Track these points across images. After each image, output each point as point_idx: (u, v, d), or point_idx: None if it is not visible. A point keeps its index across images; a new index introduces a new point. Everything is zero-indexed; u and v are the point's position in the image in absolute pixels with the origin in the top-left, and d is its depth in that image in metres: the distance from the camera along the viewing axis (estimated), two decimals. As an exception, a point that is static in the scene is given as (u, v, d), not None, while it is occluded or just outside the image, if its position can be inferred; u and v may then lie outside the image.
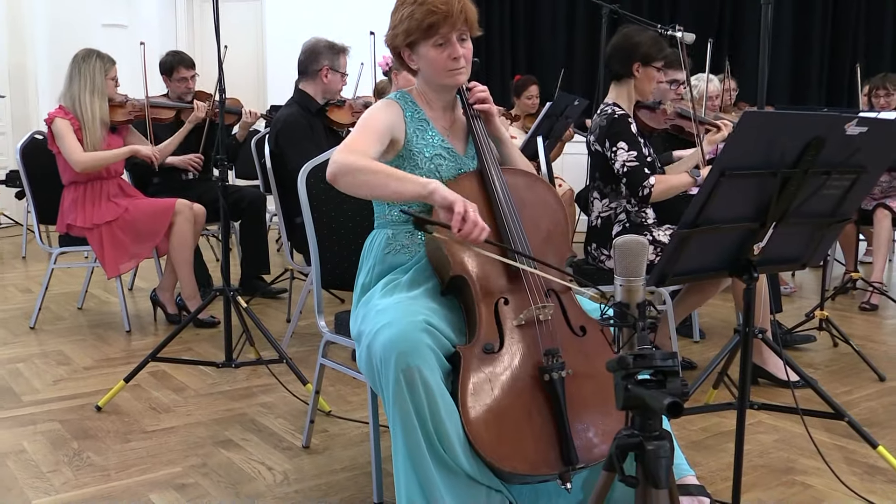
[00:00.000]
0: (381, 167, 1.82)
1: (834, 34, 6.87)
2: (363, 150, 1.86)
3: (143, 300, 4.58)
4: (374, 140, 1.91)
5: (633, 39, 3.02)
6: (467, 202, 1.69)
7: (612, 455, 1.32)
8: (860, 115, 1.68)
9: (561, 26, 7.59)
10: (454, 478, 1.70)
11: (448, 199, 1.71)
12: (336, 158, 1.83)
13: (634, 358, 1.27)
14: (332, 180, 1.84)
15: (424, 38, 1.94)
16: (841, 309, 4.45)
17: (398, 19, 1.96)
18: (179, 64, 4.35)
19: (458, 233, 1.68)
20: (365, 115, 1.98)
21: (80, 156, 3.74)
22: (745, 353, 1.96)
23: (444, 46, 1.94)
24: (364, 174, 1.80)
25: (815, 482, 2.28)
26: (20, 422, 2.74)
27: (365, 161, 1.82)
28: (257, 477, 2.33)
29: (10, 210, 7.10)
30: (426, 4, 1.91)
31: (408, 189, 1.77)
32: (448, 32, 1.92)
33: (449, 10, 1.90)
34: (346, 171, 1.81)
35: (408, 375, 1.66)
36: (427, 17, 1.90)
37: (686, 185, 2.97)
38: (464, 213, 1.67)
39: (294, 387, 2.93)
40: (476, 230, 1.68)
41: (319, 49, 3.76)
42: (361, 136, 1.90)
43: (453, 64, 1.95)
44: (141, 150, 3.93)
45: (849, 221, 1.91)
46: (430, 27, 1.91)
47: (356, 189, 1.84)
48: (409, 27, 1.93)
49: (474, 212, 1.69)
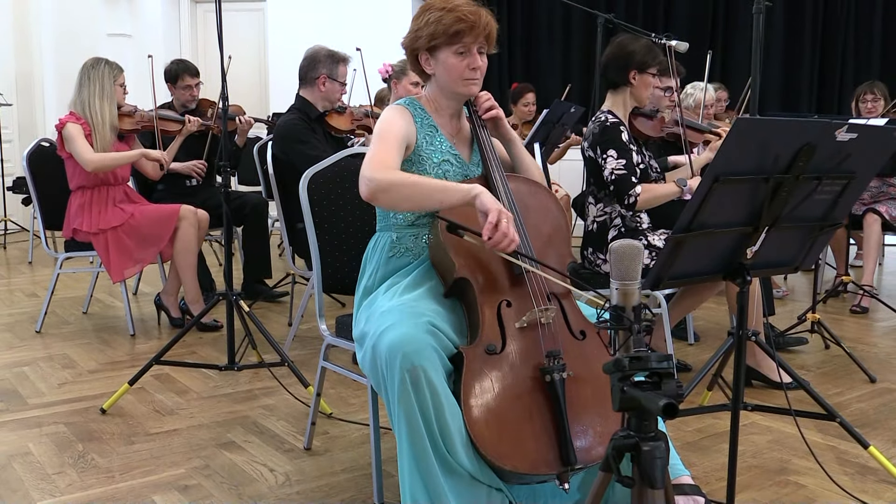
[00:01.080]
0: (419, 179, 1.86)
1: (824, 43, 6.95)
2: (392, 164, 1.89)
3: (147, 304, 4.61)
4: (396, 150, 1.94)
5: (627, 48, 3.07)
6: (503, 211, 1.73)
7: (609, 456, 1.33)
8: (850, 122, 1.71)
9: (557, 35, 7.65)
10: (457, 477, 1.73)
11: (486, 206, 1.75)
12: (370, 176, 1.85)
13: (630, 360, 1.28)
14: (371, 198, 1.86)
15: (448, 44, 1.98)
16: (832, 312, 4.49)
17: (423, 22, 2.00)
18: (184, 72, 4.39)
19: (487, 240, 1.72)
20: (381, 124, 2.01)
21: (91, 155, 3.78)
22: (739, 355, 1.98)
23: (465, 56, 1.99)
24: (405, 188, 1.84)
25: (807, 482, 2.32)
26: (26, 424, 2.77)
27: (400, 175, 1.86)
28: (259, 478, 2.36)
29: (17, 216, 7.14)
30: (455, 12, 1.96)
31: (454, 197, 1.80)
32: (471, 43, 1.98)
33: (477, 21, 1.96)
34: (384, 189, 1.84)
35: (413, 376, 1.69)
36: (455, 24, 1.95)
37: (672, 195, 3.00)
38: (496, 223, 1.71)
39: (296, 389, 2.96)
40: (506, 241, 1.72)
41: (319, 57, 3.78)
42: (385, 148, 1.93)
43: (471, 74, 2.00)
44: (150, 153, 3.98)
45: (840, 226, 1.93)
46: (457, 34, 1.96)
47: (398, 204, 1.87)
48: (434, 31, 1.97)
49: (508, 222, 1.72)
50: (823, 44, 6.96)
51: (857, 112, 5.03)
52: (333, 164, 2.43)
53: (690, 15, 7.27)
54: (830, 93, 6.96)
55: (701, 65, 3.97)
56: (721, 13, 7.23)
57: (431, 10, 2.00)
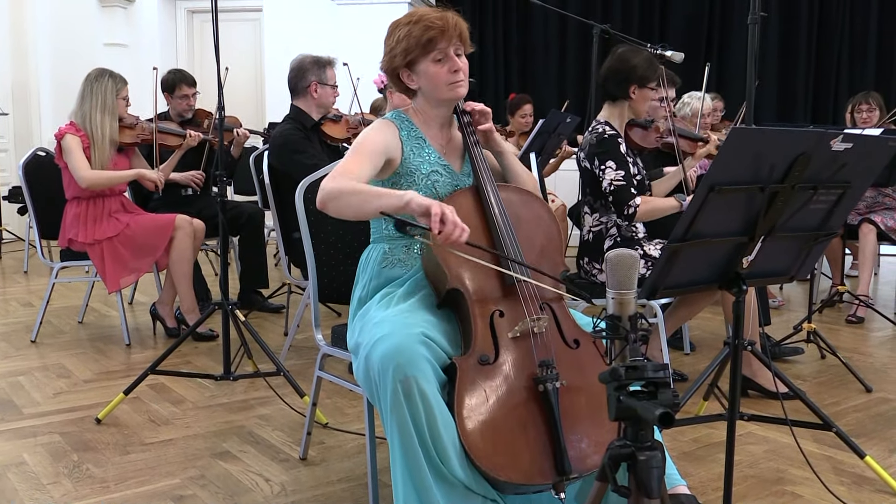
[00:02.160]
0: (363, 188, 1.85)
1: (819, 54, 6.99)
2: (354, 173, 1.90)
3: (142, 314, 4.60)
4: (365, 162, 1.95)
5: (629, 62, 3.05)
6: (444, 205, 1.71)
7: (605, 465, 1.33)
8: (845, 132, 1.72)
9: (553, 45, 7.69)
10: (450, 487, 1.72)
11: (423, 205, 1.72)
12: (324, 185, 1.87)
13: (626, 369, 1.29)
14: (322, 207, 1.88)
15: (423, 55, 1.99)
16: (828, 321, 4.50)
17: (395, 40, 2.01)
18: (182, 82, 4.41)
19: (438, 234, 1.69)
20: (359, 137, 2.02)
21: (86, 172, 3.79)
22: (735, 365, 1.99)
23: (444, 61, 1.99)
24: (348, 196, 1.84)
25: (804, 492, 2.32)
26: (21, 434, 2.76)
27: (349, 184, 1.85)
28: (255, 488, 2.35)
29: (13, 226, 7.13)
30: (423, 21, 1.97)
31: (387, 203, 1.79)
32: (446, 47, 1.98)
33: (445, 25, 1.97)
34: (332, 197, 1.86)
35: (405, 386, 1.69)
36: (426, 33, 1.96)
37: (671, 209, 3.02)
38: (441, 215, 1.69)
39: (291, 399, 2.95)
40: (456, 230, 1.69)
41: (305, 66, 3.80)
42: (353, 160, 1.95)
43: (454, 77, 2.00)
44: (146, 175, 3.97)
45: (835, 235, 1.94)
46: (429, 42, 1.97)
47: (343, 212, 1.87)
48: (407, 46, 1.99)
49: (451, 213, 1.70)
50: (819, 54, 7.01)
51: (852, 122, 5.05)
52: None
53: (686, 25, 7.33)
54: (826, 103, 7.01)
55: (696, 75, 3.99)
56: (716, 24, 7.28)
57: (399, 27, 2.02)
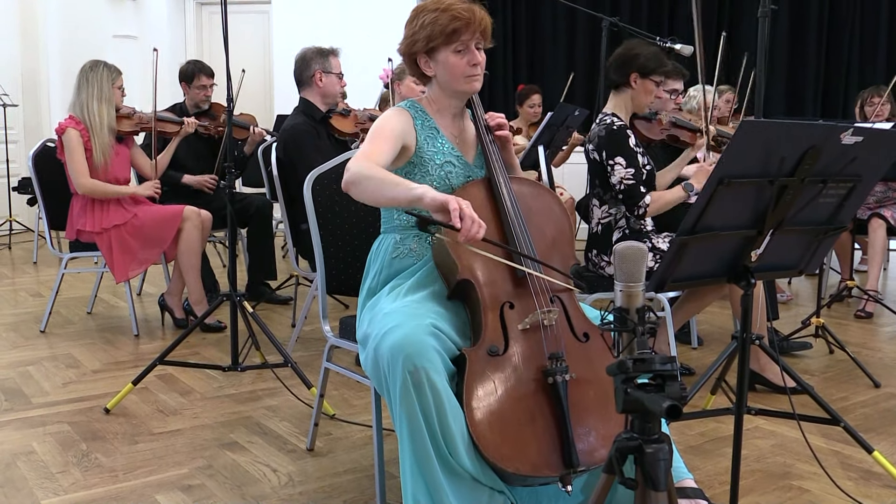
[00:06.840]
0: (382, 174, 1.82)
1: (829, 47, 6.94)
2: (377, 158, 1.89)
3: (151, 305, 4.62)
4: (386, 147, 1.94)
5: (633, 51, 3.08)
6: (460, 199, 1.69)
7: (612, 458, 1.33)
8: (855, 125, 1.71)
9: (562, 37, 7.65)
10: (458, 478, 1.73)
11: (438, 200, 1.69)
12: (349, 166, 1.86)
13: (634, 362, 1.29)
14: (346, 189, 1.86)
15: (446, 44, 1.99)
16: (837, 316, 4.48)
17: (418, 25, 2.01)
18: (200, 72, 4.44)
19: (459, 232, 1.67)
20: (376, 123, 2.02)
21: (84, 179, 3.83)
22: (743, 359, 1.98)
23: (464, 53, 2.00)
24: (366, 181, 1.82)
25: (811, 487, 2.32)
26: (30, 423, 2.78)
27: (372, 168, 1.84)
28: (262, 479, 2.36)
29: (23, 216, 7.16)
30: (450, 11, 1.97)
31: (401, 194, 1.77)
32: (468, 39, 1.99)
33: (472, 18, 1.97)
34: (356, 180, 1.84)
35: (415, 377, 1.69)
36: (451, 23, 1.96)
37: (680, 199, 3.04)
38: (459, 210, 1.67)
39: (299, 390, 2.97)
40: (474, 227, 1.67)
41: (309, 56, 3.81)
42: (374, 144, 1.94)
43: (472, 70, 2.01)
44: (139, 192, 4.01)
45: (844, 230, 1.93)
46: (454, 32, 1.97)
47: (362, 196, 1.85)
48: (431, 32, 1.98)
49: (468, 208, 1.68)
50: (828, 48, 6.96)
51: (861, 116, 5.02)
52: (337, 165, 2.43)
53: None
54: (835, 98, 6.96)
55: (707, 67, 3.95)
56: (726, 17, 7.23)
57: (424, 12, 2.00)
